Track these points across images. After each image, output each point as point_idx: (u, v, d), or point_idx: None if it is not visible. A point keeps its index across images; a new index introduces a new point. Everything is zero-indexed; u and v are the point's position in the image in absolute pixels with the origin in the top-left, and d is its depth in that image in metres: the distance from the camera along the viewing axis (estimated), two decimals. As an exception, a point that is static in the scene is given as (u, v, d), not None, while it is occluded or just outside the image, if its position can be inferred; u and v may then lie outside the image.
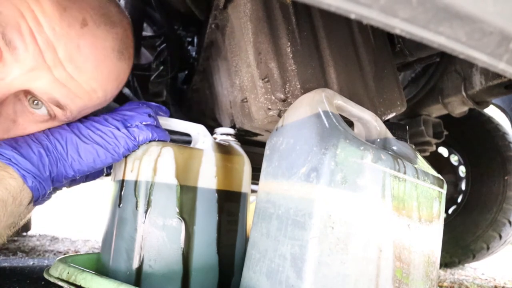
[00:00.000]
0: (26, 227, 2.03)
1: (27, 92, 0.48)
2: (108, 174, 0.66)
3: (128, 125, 0.56)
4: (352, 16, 0.15)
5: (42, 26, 0.43)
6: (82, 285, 0.46)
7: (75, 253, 0.92)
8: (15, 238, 1.82)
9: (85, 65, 0.48)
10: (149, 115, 0.59)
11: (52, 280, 0.52)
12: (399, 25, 0.15)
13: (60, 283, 0.50)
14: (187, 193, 0.58)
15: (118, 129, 0.55)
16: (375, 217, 0.41)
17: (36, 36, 0.43)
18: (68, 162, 0.52)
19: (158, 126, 0.60)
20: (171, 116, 0.68)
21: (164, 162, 0.57)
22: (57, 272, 0.51)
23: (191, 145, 0.67)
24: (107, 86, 0.53)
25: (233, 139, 0.70)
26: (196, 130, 0.67)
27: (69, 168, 0.53)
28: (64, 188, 0.66)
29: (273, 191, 0.48)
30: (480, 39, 0.16)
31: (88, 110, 0.56)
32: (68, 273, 0.49)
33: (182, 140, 0.92)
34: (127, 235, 0.55)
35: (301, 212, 0.42)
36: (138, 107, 0.59)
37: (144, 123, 0.57)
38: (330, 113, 0.46)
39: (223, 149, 0.65)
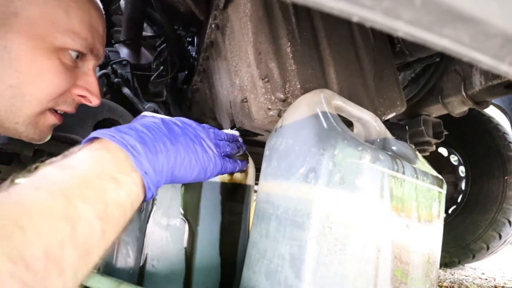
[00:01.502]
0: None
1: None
2: None
3: (222, 154, 0.53)
4: (355, 19, 0.15)
5: None
6: (84, 284, 0.46)
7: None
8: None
9: None
10: (238, 146, 0.58)
11: (52, 280, 0.51)
12: (402, 28, 0.15)
13: (60, 282, 0.50)
14: (191, 194, 0.58)
15: (219, 159, 0.52)
16: (373, 217, 0.41)
17: None
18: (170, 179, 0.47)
19: (243, 153, 0.60)
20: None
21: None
22: (57, 272, 0.51)
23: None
24: None
25: None
26: (196, 130, 0.67)
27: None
28: None
29: (272, 191, 0.48)
30: (483, 41, 0.15)
31: None
32: (68, 273, 0.49)
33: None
34: (131, 234, 0.55)
35: (299, 212, 0.42)
36: (232, 137, 0.58)
37: (234, 153, 0.56)
38: (329, 114, 0.46)
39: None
